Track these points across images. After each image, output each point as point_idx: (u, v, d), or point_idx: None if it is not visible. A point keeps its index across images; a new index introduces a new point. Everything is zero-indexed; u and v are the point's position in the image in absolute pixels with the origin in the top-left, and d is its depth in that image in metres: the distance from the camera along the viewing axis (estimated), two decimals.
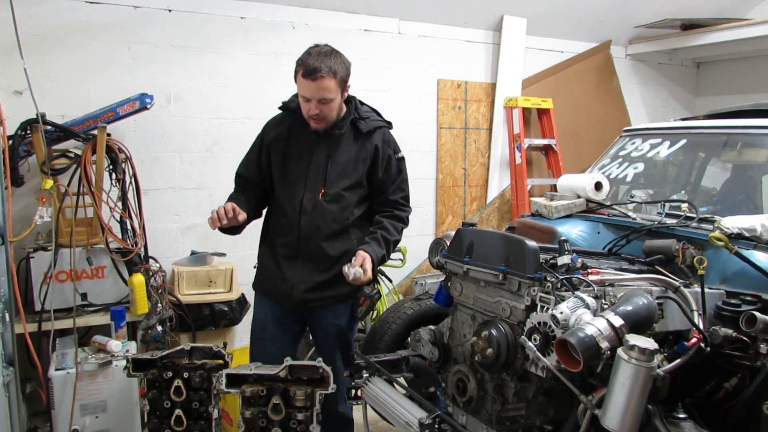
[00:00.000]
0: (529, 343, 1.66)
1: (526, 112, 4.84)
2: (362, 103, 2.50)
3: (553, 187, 3.12)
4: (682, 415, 1.72)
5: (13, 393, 2.55)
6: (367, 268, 2.25)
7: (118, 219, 3.19)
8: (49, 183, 2.88)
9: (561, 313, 1.61)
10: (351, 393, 2.25)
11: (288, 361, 2.12)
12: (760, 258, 2.01)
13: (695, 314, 1.84)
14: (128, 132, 3.47)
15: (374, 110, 2.52)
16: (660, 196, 2.83)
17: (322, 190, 2.36)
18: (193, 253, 3.67)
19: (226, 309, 3.41)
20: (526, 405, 1.88)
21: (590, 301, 1.64)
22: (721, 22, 4.94)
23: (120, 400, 2.78)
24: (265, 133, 2.52)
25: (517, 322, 1.83)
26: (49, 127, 2.94)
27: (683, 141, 2.87)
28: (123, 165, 3.19)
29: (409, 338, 2.52)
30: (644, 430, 1.56)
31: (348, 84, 2.34)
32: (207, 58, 3.72)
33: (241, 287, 3.52)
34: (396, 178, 2.48)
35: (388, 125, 2.52)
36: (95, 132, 3.05)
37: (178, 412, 2.29)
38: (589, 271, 1.84)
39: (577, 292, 1.68)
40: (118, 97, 3.26)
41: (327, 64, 2.21)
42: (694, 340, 1.74)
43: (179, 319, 3.25)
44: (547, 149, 4.99)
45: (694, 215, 2.32)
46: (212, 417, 2.30)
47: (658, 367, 1.58)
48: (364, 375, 2.22)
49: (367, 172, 2.42)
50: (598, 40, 5.34)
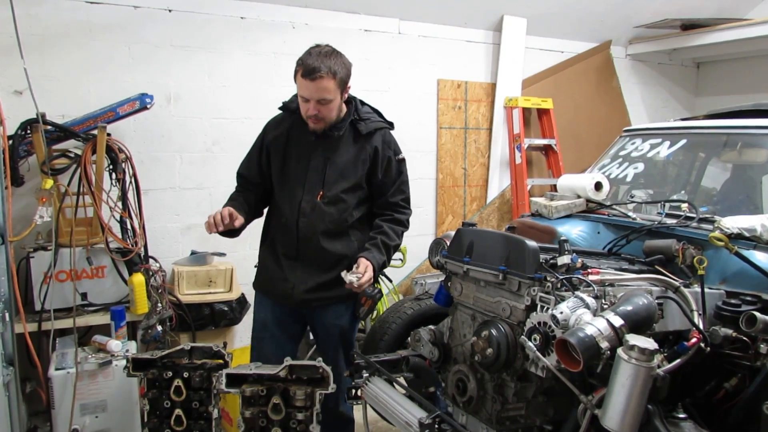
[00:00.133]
0: (529, 343, 1.66)
1: (526, 112, 4.83)
2: (363, 103, 2.49)
3: (553, 187, 3.11)
4: (682, 415, 1.72)
5: (13, 393, 2.55)
6: (368, 276, 2.25)
7: (118, 219, 3.19)
8: (49, 183, 2.88)
9: (561, 313, 1.61)
10: (351, 393, 2.25)
11: (288, 361, 2.13)
12: (760, 258, 2.01)
13: (695, 314, 1.84)
14: (128, 132, 3.47)
15: (375, 111, 2.51)
16: (660, 196, 2.83)
17: (321, 193, 2.35)
18: (193, 253, 3.67)
19: (226, 309, 3.41)
20: (526, 405, 1.88)
21: (590, 301, 1.64)
22: (721, 22, 4.94)
23: (120, 400, 2.78)
24: (266, 133, 2.51)
25: (517, 322, 1.83)
26: (49, 127, 2.94)
27: (683, 141, 2.87)
28: (123, 165, 3.18)
29: (409, 338, 2.52)
30: (644, 430, 1.56)
31: (348, 85, 2.32)
32: (207, 58, 3.73)
33: (241, 287, 3.53)
34: (396, 179, 2.46)
35: (389, 126, 2.49)
36: (95, 132, 3.05)
37: (178, 411, 2.29)
38: (589, 271, 1.84)
39: (577, 292, 1.68)
40: (118, 97, 3.26)
41: (327, 64, 2.20)
42: (694, 340, 1.74)
43: (179, 318, 3.25)
44: (547, 149, 4.99)
45: (694, 215, 2.32)
46: (212, 417, 2.30)
47: (658, 367, 1.58)
48: (364, 375, 2.21)
49: (366, 173, 2.40)
50: (598, 40, 5.34)
